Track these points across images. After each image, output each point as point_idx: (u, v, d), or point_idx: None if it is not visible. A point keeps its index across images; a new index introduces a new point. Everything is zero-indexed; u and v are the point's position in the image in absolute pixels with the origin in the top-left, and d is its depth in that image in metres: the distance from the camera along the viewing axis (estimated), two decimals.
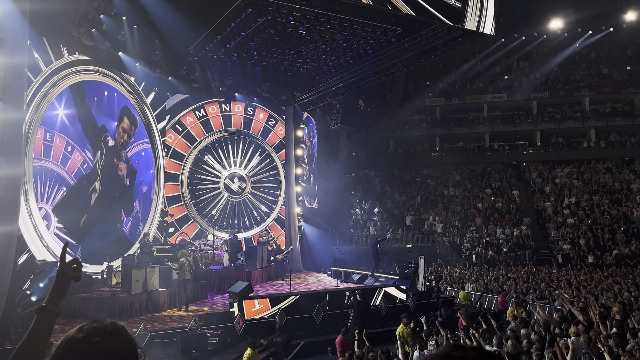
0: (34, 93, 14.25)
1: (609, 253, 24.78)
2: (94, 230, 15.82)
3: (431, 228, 28.97)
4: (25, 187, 13.49)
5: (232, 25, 16.09)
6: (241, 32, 16.59)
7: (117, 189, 17.78)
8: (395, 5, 14.97)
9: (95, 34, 15.66)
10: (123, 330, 1.54)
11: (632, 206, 27.68)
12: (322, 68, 21.01)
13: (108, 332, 1.49)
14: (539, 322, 10.19)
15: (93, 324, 1.51)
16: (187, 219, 21.67)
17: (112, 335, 1.49)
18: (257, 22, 15.92)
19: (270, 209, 23.65)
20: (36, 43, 14.09)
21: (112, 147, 17.43)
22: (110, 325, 1.52)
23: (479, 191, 32.16)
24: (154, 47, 17.93)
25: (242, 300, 12.90)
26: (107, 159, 17.18)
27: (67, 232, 15.20)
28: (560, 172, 32.42)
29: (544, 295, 16.74)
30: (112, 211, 17.40)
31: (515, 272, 21.74)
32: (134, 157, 18.75)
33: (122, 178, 18.04)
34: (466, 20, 16.11)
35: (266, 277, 19.40)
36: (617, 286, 16.63)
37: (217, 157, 22.63)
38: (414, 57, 19.16)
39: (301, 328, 12.73)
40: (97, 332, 1.48)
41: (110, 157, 17.37)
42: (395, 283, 16.75)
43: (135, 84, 18.75)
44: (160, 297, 13.81)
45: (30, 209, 13.97)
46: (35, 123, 14.36)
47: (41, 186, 14.47)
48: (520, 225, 27.99)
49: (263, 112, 23.58)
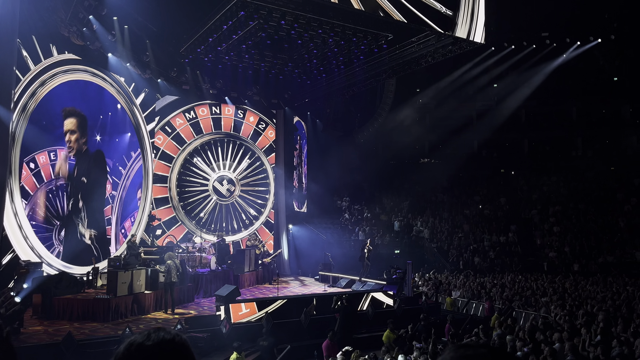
0: (22, 92, 14.13)
1: (594, 261, 25.02)
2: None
3: (418, 234, 29.05)
4: (10, 187, 13.35)
5: (223, 28, 16.07)
6: (233, 35, 16.58)
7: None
8: (386, 11, 15.07)
9: (86, 34, 15.58)
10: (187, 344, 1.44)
11: (618, 215, 27.99)
12: (313, 72, 21.05)
13: (176, 344, 1.40)
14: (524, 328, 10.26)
15: (161, 333, 1.41)
16: (175, 221, 21.54)
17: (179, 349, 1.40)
18: (248, 26, 15.92)
19: (259, 213, 23.59)
20: (25, 41, 13.99)
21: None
22: (177, 337, 1.43)
23: (467, 198, 32.34)
24: (144, 48, 17.86)
25: (229, 303, 12.83)
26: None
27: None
28: (547, 180, 32.72)
29: (529, 303, 16.86)
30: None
31: (501, 279, 21.86)
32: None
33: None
34: (457, 29, 16.26)
35: (254, 280, 19.33)
36: (601, 294, 16.80)
37: (206, 159, 22.55)
38: (404, 63, 19.28)
39: (288, 332, 12.67)
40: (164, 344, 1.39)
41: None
42: (382, 288, 16.77)
43: (125, 85, 18.65)
44: (146, 299, 13.69)
45: (15, 209, 13.82)
46: (22, 122, 14.22)
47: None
48: (507, 233, 28.18)
49: (253, 115, 23.56)
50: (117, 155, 18.67)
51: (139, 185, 19.76)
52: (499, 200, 31.76)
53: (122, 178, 18.86)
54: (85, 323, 12.01)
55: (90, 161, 17.36)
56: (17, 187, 13.94)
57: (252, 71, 20.92)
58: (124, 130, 18.98)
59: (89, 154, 17.35)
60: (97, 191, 17.61)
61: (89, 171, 17.24)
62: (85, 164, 17.11)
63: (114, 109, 18.39)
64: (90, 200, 17.14)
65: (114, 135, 18.42)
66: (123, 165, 18.93)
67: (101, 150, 17.92)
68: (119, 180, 18.74)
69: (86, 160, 17.16)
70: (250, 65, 20.27)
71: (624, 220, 27.32)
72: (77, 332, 10.86)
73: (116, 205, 18.54)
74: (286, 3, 14.67)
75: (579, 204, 29.74)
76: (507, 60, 35.09)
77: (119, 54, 17.06)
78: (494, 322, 12.24)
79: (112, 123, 18.24)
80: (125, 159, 19.04)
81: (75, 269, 15.85)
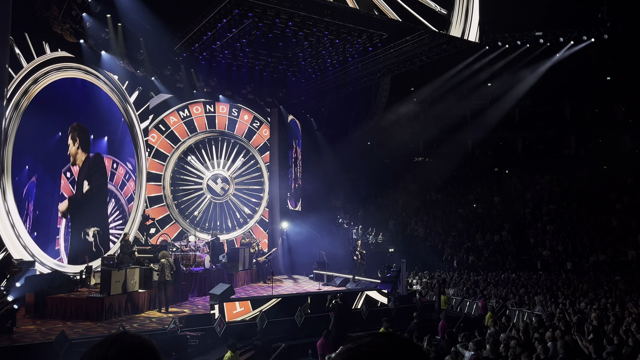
0: (15, 89, 14.03)
1: (587, 260, 25.17)
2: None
3: (413, 233, 29.12)
4: (3, 185, 13.27)
5: (218, 26, 16.02)
6: (227, 33, 16.53)
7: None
8: (381, 10, 15.09)
9: (79, 31, 15.48)
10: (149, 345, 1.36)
11: (610, 214, 28.16)
12: (308, 71, 21.03)
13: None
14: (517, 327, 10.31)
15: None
16: (169, 220, 21.48)
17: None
18: (243, 24, 15.87)
19: (253, 211, 23.55)
20: (18, 38, 13.89)
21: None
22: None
23: (461, 197, 32.44)
24: (138, 46, 17.76)
25: (223, 302, 12.81)
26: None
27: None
28: (541, 179, 32.87)
29: (523, 301, 16.94)
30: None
31: (495, 277, 21.96)
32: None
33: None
34: (451, 27, 16.30)
35: (248, 279, 19.31)
36: (594, 292, 16.91)
37: (200, 158, 22.48)
38: (399, 62, 19.31)
39: (282, 331, 12.68)
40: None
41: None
42: (377, 287, 16.80)
43: (119, 83, 18.56)
44: (140, 298, 13.64)
45: (7, 207, 13.73)
46: (15, 120, 14.13)
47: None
48: (500, 231, 28.29)
49: (248, 114, 23.51)
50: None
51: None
52: (492, 199, 31.89)
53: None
54: (78, 322, 11.95)
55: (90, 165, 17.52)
56: (10, 186, 13.84)
57: (247, 69, 20.87)
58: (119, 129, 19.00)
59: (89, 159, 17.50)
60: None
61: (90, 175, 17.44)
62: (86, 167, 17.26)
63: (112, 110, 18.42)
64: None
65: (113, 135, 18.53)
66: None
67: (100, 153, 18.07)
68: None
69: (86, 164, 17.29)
70: (244, 63, 20.22)
71: (616, 219, 27.49)
72: (71, 331, 10.81)
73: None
74: (281, 1, 14.65)
75: (572, 203, 29.90)
76: (501, 60, 35.17)
77: (113, 51, 16.97)
78: (488, 320, 12.29)
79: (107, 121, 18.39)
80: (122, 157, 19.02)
81: (68, 267, 15.78)
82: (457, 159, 36.06)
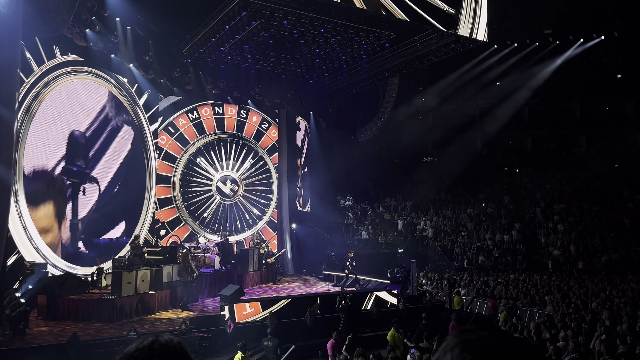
0: (26, 93, 14.16)
1: (599, 259, 24.94)
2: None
3: (422, 233, 29.01)
4: (15, 188, 13.39)
5: (226, 28, 16.07)
6: (235, 35, 16.58)
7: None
8: (389, 10, 15.05)
9: (89, 35, 15.60)
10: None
11: (622, 213, 27.90)
12: (316, 72, 21.04)
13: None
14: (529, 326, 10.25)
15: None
16: (179, 222, 21.58)
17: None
18: (251, 26, 15.91)
19: (263, 212, 23.60)
20: (28, 43, 14.02)
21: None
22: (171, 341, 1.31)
23: (471, 196, 32.28)
24: (147, 49, 17.86)
25: (233, 303, 12.85)
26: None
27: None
28: (551, 178, 32.63)
29: (534, 301, 16.82)
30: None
31: (505, 278, 21.83)
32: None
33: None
34: (459, 27, 16.23)
35: (257, 280, 19.34)
36: (606, 292, 16.75)
37: (209, 159, 22.57)
38: (407, 62, 19.25)
39: (292, 332, 12.69)
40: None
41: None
42: (386, 287, 16.76)
43: (128, 85, 18.69)
44: (150, 299, 13.72)
45: (20, 210, 13.87)
46: (26, 123, 14.27)
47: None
48: (510, 231, 28.12)
49: (256, 115, 23.57)
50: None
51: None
52: (502, 198, 31.70)
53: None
54: (90, 323, 12.04)
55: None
56: (22, 189, 13.98)
57: (255, 71, 20.92)
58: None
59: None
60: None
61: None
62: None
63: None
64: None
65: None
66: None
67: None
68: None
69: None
70: (252, 65, 20.27)
71: (628, 217, 27.23)
72: (82, 332, 10.89)
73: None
74: (288, 3, 14.67)
75: (583, 202, 29.65)
76: (510, 58, 34.99)
77: (122, 54, 17.08)
78: (502, 320, 12.23)
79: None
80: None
81: (79, 269, 15.90)
82: (467, 158, 35.91)
